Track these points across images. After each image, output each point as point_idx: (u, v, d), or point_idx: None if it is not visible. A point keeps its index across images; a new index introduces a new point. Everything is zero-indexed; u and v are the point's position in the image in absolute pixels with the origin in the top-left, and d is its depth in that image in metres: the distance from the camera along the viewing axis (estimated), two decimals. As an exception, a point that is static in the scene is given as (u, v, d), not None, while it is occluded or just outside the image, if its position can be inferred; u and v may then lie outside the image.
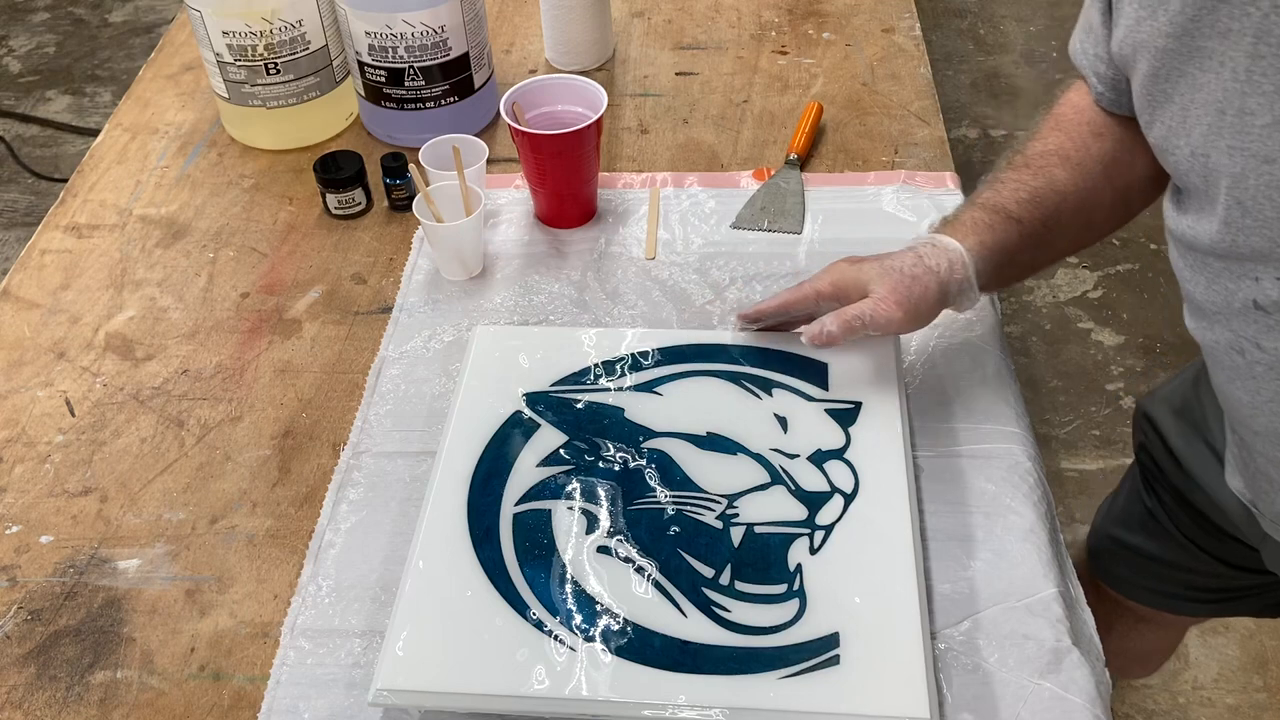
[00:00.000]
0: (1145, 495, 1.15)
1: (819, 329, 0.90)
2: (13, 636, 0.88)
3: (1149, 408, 1.12)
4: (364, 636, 0.86)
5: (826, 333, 0.90)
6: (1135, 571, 1.20)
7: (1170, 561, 1.15)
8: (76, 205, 1.27)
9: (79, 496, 0.98)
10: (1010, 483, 0.93)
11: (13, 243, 2.51)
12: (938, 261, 0.91)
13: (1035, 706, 0.80)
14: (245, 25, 1.21)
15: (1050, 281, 2.31)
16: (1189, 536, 1.10)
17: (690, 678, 0.78)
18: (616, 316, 1.09)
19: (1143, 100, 0.79)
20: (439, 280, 1.13)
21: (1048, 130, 0.97)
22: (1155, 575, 1.18)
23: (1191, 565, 1.13)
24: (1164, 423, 1.09)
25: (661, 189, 1.22)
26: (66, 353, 1.10)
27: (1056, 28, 2.93)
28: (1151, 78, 0.76)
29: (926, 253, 0.91)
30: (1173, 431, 1.08)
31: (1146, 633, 1.30)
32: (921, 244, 0.93)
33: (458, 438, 0.94)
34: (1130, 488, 1.19)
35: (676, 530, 0.87)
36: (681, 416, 0.95)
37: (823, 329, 0.90)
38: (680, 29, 1.47)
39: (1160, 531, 1.14)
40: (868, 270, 0.91)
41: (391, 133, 1.30)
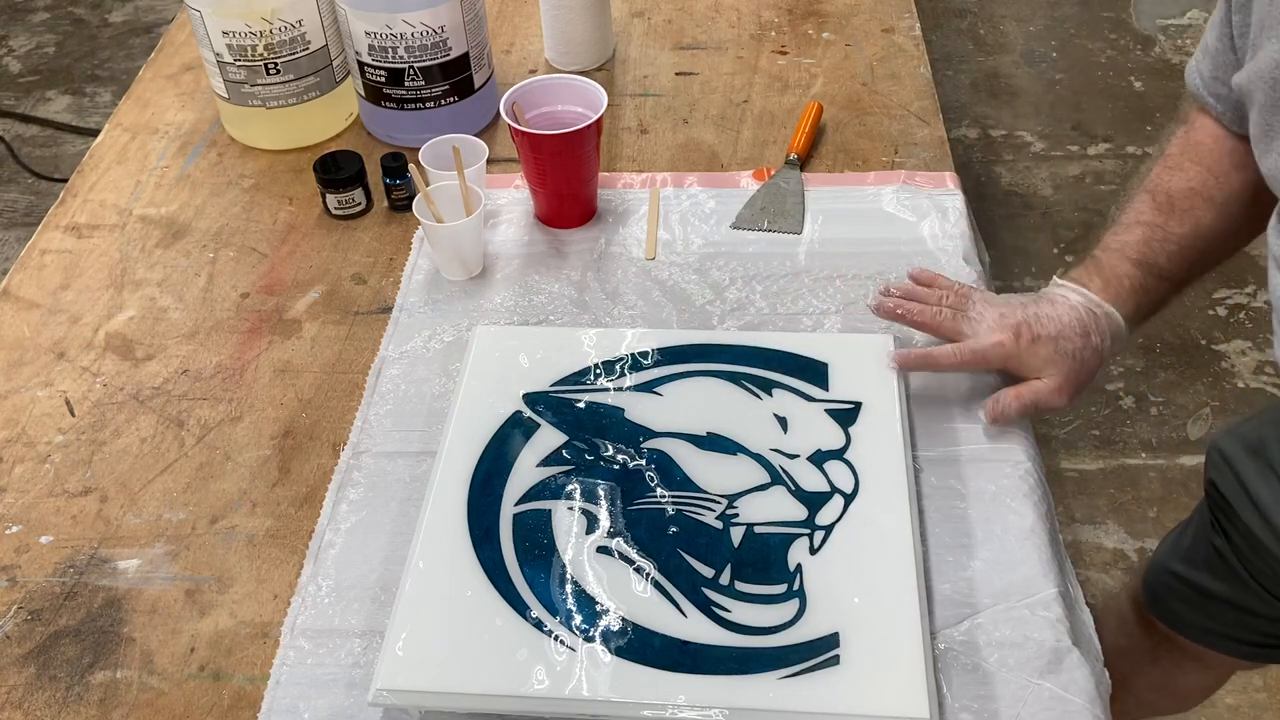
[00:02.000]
0: (1214, 534, 1.12)
1: (1000, 410, 0.94)
2: (13, 636, 0.88)
3: (1223, 444, 1.10)
4: (364, 636, 0.86)
5: (1005, 414, 0.94)
6: (1195, 610, 1.17)
7: (1234, 603, 1.12)
8: (76, 205, 1.27)
9: (79, 496, 0.98)
10: (1010, 483, 0.93)
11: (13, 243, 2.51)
12: (1102, 340, 0.94)
13: (1035, 706, 0.80)
14: (245, 25, 1.21)
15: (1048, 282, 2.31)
16: (1258, 579, 1.08)
17: (690, 678, 0.78)
18: (616, 316, 1.09)
19: (1259, 130, 0.80)
20: (439, 280, 1.13)
21: (1187, 163, 0.98)
22: (1216, 616, 1.15)
23: (1256, 608, 1.10)
24: (1239, 461, 1.07)
25: (661, 189, 1.22)
26: (66, 353, 1.10)
27: (1056, 28, 2.93)
28: (1270, 109, 0.78)
29: (1093, 327, 0.94)
30: (1249, 470, 1.05)
31: (1192, 671, 1.27)
32: (1087, 309, 0.95)
33: (458, 438, 0.94)
34: (1199, 525, 1.15)
35: (676, 530, 0.87)
36: (681, 416, 0.95)
37: (1003, 410, 0.94)
38: (680, 29, 1.47)
39: (1228, 573, 1.11)
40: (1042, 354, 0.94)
41: (391, 133, 1.30)
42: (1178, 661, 1.26)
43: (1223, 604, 1.14)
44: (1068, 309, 0.95)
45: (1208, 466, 1.13)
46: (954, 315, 0.97)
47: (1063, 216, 2.43)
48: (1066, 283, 0.98)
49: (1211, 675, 1.32)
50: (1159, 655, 1.25)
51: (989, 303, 0.97)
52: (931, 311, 0.97)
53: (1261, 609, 1.10)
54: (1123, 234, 0.98)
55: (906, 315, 0.97)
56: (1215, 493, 1.11)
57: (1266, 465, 1.04)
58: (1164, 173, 0.99)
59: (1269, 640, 1.14)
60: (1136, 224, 0.97)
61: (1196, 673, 1.29)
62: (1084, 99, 2.72)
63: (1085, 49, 2.86)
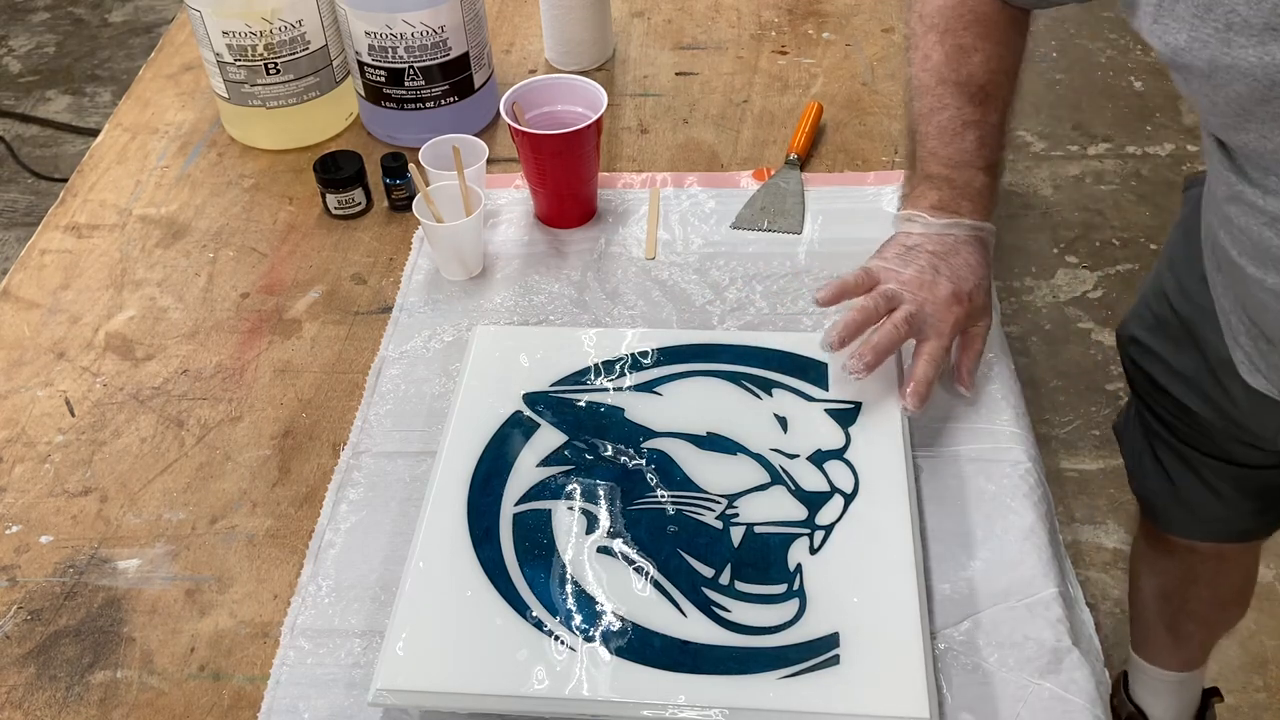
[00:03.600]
0: (1152, 439, 1.18)
1: (970, 377, 0.97)
2: (13, 636, 0.88)
3: (1133, 331, 1.16)
4: (364, 636, 0.86)
5: (972, 376, 0.97)
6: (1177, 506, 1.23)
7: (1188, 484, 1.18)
8: (76, 205, 1.27)
9: (79, 496, 0.98)
10: (1010, 483, 0.93)
11: (13, 243, 2.51)
12: (991, 255, 0.97)
13: (1035, 706, 0.80)
14: (245, 25, 1.21)
15: (1050, 281, 2.31)
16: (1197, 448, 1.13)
17: (690, 678, 0.78)
18: (616, 316, 1.09)
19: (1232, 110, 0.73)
20: (439, 280, 1.13)
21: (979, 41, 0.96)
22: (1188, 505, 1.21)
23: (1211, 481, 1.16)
24: (1151, 341, 1.12)
25: (661, 189, 1.22)
26: (66, 353, 1.10)
27: (1056, 27, 2.93)
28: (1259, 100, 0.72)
29: (986, 251, 0.97)
30: (1163, 349, 1.11)
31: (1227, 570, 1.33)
32: (976, 238, 0.96)
33: (458, 438, 0.94)
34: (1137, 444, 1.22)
35: (676, 530, 0.87)
36: (681, 416, 0.95)
37: (971, 375, 0.97)
38: (680, 29, 1.47)
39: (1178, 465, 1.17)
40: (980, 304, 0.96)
41: (391, 133, 1.30)
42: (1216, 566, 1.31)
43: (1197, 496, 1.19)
44: (967, 248, 0.95)
45: (1124, 360, 1.20)
46: (906, 320, 0.92)
47: (1063, 216, 2.43)
48: (943, 216, 0.95)
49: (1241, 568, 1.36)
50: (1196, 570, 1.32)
51: (909, 284, 0.94)
52: (887, 330, 0.92)
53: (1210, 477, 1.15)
54: (958, 140, 0.96)
55: (872, 351, 0.91)
56: (1140, 378, 1.17)
57: (1173, 340, 1.09)
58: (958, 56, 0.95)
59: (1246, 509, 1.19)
60: (965, 126, 0.95)
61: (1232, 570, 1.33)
62: (1084, 99, 2.72)
63: (1085, 49, 2.86)
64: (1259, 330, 0.91)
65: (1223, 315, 0.97)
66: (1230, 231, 0.84)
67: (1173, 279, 1.08)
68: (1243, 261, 0.84)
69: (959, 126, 0.95)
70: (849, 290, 0.94)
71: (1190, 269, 1.03)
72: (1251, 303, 0.88)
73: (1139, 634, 1.44)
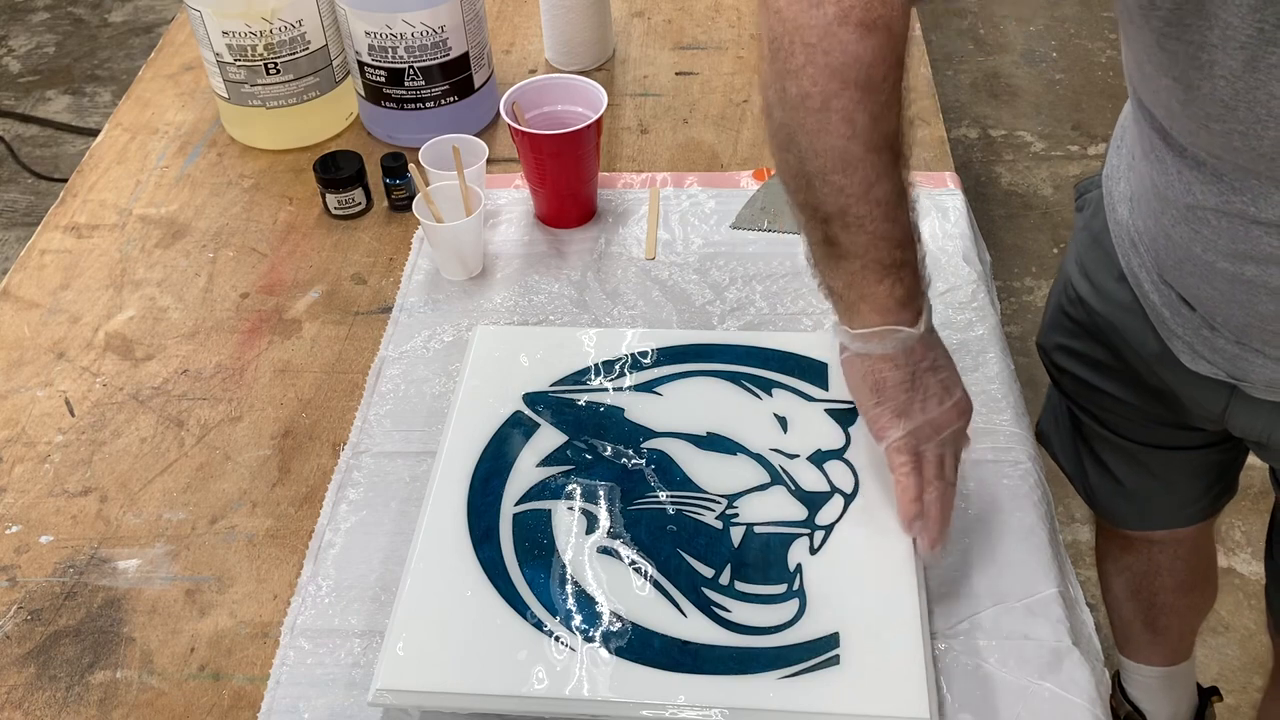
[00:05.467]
0: (1092, 441, 1.19)
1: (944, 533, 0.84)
2: (13, 636, 0.88)
3: (1055, 339, 1.15)
4: (364, 636, 0.86)
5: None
6: (1130, 503, 1.24)
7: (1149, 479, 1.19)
8: (76, 205, 1.27)
9: (79, 496, 0.98)
10: (1010, 483, 0.93)
11: (13, 243, 2.51)
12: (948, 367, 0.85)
13: (1035, 706, 0.80)
14: (245, 25, 1.21)
15: (1050, 281, 2.31)
16: (1148, 443, 1.15)
17: (690, 678, 0.78)
18: (616, 316, 1.09)
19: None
20: (439, 280, 1.13)
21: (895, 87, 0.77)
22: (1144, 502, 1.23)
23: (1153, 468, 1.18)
24: (1076, 345, 1.12)
25: (661, 189, 1.22)
26: (66, 353, 1.10)
27: (1056, 27, 2.93)
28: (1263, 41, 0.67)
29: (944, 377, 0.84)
30: (1090, 350, 1.11)
31: (1186, 554, 1.34)
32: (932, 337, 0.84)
33: (458, 438, 0.94)
34: (1071, 449, 1.23)
35: (676, 530, 0.87)
36: (681, 416, 0.95)
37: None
38: (680, 29, 1.47)
39: (1123, 462, 1.18)
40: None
41: (391, 133, 1.30)
42: (1174, 551, 1.33)
43: (1134, 483, 1.20)
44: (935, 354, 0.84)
45: (1050, 369, 1.19)
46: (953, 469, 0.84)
47: (1063, 216, 2.43)
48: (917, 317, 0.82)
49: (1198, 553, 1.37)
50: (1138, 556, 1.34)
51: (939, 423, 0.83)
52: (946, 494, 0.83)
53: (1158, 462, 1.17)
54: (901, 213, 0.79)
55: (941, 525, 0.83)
56: (1069, 381, 1.16)
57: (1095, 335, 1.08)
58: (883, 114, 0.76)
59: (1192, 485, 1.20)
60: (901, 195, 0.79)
61: (1186, 554, 1.34)
62: (1084, 99, 2.72)
63: (1085, 49, 2.86)
64: (1201, 319, 0.91)
65: (1152, 310, 0.97)
66: (1202, 233, 0.83)
67: (1086, 283, 1.07)
68: (1210, 257, 0.84)
69: (898, 197, 0.79)
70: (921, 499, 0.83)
71: (1103, 269, 1.03)
72: (1210, 294, 0.87)
73: (1120, 635, 1.45)
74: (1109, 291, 1.04)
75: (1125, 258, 0.99)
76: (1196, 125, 0.76)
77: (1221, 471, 1.20)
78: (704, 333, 1.04)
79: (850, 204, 0.78)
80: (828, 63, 0.74)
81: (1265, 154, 0.73)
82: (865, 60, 0.74)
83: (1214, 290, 0.87)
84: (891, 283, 0.80)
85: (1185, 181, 0.82)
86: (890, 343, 0.81)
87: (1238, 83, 0.69)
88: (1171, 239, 0.88)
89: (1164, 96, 0.77)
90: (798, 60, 0.75)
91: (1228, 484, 1.23)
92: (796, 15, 0.74)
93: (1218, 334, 0.90)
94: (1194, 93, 0.73)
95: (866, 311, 0.81)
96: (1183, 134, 0.79)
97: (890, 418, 0.83)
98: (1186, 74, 0.72)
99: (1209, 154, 0.78)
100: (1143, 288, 0.97)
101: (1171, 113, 0.78)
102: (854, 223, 0.78)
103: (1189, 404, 1.03)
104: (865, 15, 0.73)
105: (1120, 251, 1.00)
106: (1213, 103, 0.72)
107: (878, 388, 0.83)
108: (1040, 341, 1.19)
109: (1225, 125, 0.73)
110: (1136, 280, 0.98)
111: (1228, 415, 0.99)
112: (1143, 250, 0.95)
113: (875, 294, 0.80)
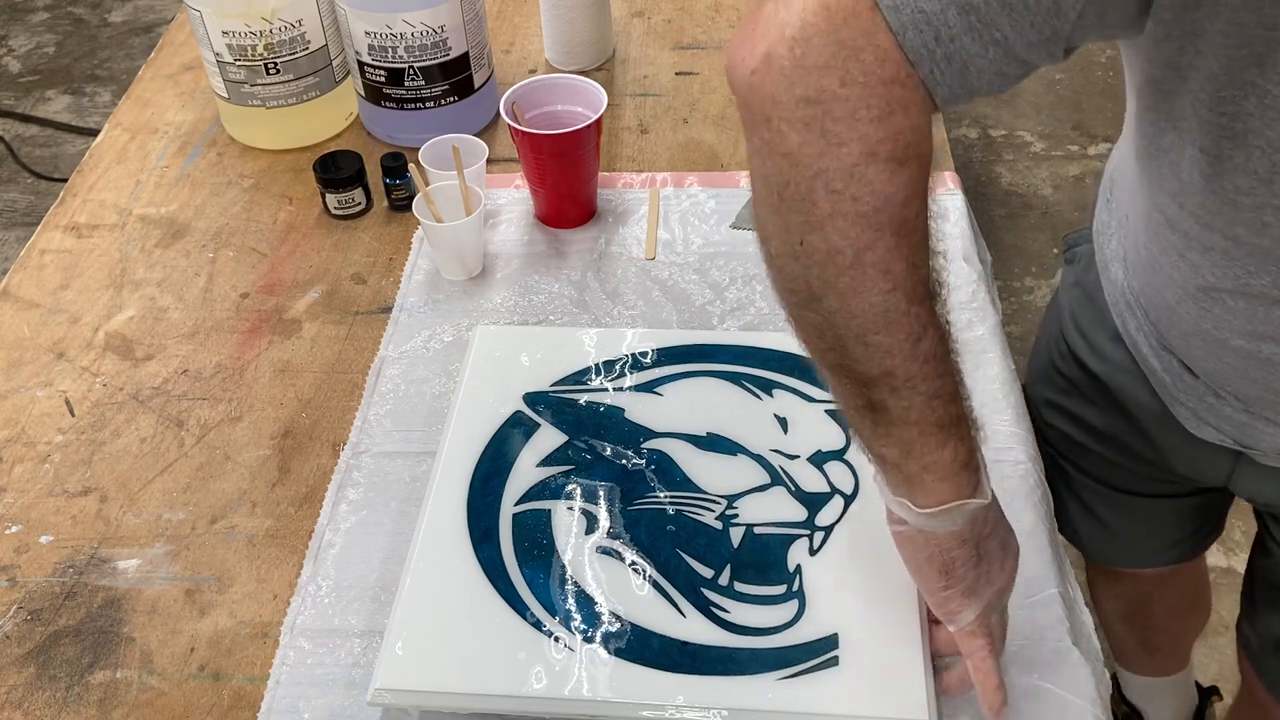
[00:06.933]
0: (1079, 490, 1.15)
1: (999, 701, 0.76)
2: (13, 636, 0.88)
3: (1045, 394, 1.11)
4: (364, 636, 0.86)
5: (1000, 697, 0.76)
6: (1117, 547, 1.22)
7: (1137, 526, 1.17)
8: (76, 205, 1.26)
9: (79, 496, 0.97)
10: (1010, 483, 0.93)
11: (13, 243, 2.51)
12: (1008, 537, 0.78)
13: (1035, 706, 0.79)
14: (245, 25, 1.21)
15: (1050, 282, 2.31)
16: (1139, 493, 1.11)
17: (689, 678, 0.78)
18: (616, 316, 1.09)
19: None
20: (439, 280, 1.13)
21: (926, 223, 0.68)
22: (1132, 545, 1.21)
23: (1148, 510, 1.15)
24: (1067, 403, 1.08)
25: (661, 189, 1.22)
26: (66, 353, 1.10)
27: (1057, 28, 2.93)
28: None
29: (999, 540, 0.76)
30: (1082, 410, 1.07)
31: (1178, 583, 1.32)
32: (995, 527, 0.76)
33: (458, 438, 0.94)
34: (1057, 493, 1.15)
35: (676, 530, 0.87)
36: (681, 417, 0.95)
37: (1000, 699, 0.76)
38: (680, 29, 1.47)
39: (1111, 511, 1.15)
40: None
41: (391, 133, 1.30)
42: (1137, 586, 1.32)
43: (1121, 530, 1.18)
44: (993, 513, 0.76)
45: (1040, 424, 1.10)
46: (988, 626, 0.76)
47: (1063, 216, 2.43)
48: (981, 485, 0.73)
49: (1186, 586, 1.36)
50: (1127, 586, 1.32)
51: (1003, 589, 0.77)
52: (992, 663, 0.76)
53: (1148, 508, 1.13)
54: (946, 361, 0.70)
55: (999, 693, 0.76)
56: (1057, 437, 1.11)
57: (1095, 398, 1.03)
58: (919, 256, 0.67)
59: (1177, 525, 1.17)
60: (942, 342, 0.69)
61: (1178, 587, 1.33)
62: (1084, 99, 2.72)
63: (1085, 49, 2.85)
64: (1206, 387, 0.87)
65: (1152, 374, 0.92)
66: (1214, 311, 0.78)
67: (1080, 339, 1.02)
68: (1223, 335, 0.79)
69: (943, 349, 0.70)
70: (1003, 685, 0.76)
71: (1098, 327, 0.98)
72: (1220, 367, 0.83)
73: (1116, 650, 1.45)
74: (1105, 352, 0.98)
75: (1121, 319, 0.94)
76: (1222, 202, 0.68)
77: (1210, 514, 1.17)
78: (704, 333, 1.04)
79: (898, 365, 0.68)
80: (857, 210, 0.63)
81: None
82: (898, 200, 0.64)
83: (1224, 364, 0.82)
84: (955, 445, 0.70)
85: (1193, 264, 0.77)
86: (959, 517, 0.72)
87: (1276, 155, 0.63)
88: (1177, 313, 0.84)
89: (1185, 169, 0.70)
90: (821, 210, 0.64)
91: (1215, 524, 1.19)
92: (814, 158, 0.63)
93: (1224, 401, 0.86)
94: (1224, 164, 0.66)
95: (931, 482, 0.71)
96: (1201, 211, 0.71)
97: (960, 599, 0.74)
98: (1218, 144, 0.65)
99: (1227, 235, 0.71)
100: (1141, 351, 0.92)
101: (1190, 187, 0.70)
102: (903, 385, 0.68)
103: (1190, 467, 0.98)
104: (895, 148, 0.63)
105: (1115, 312, 0.95)
106: (1245, 175, 0.65)
107: (947, 569, 0.74)
108: (1029, 391, 1.12)
109: (1257, 199, 0.66)
110: (1134, 343, 0.93)
111: (1233, 480, 0.95)
112: (1140, 315, 0.91)
113: (939, 461, 0.70)
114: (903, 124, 0.62)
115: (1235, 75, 0.61)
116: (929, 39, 0.61)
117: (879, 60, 0.61)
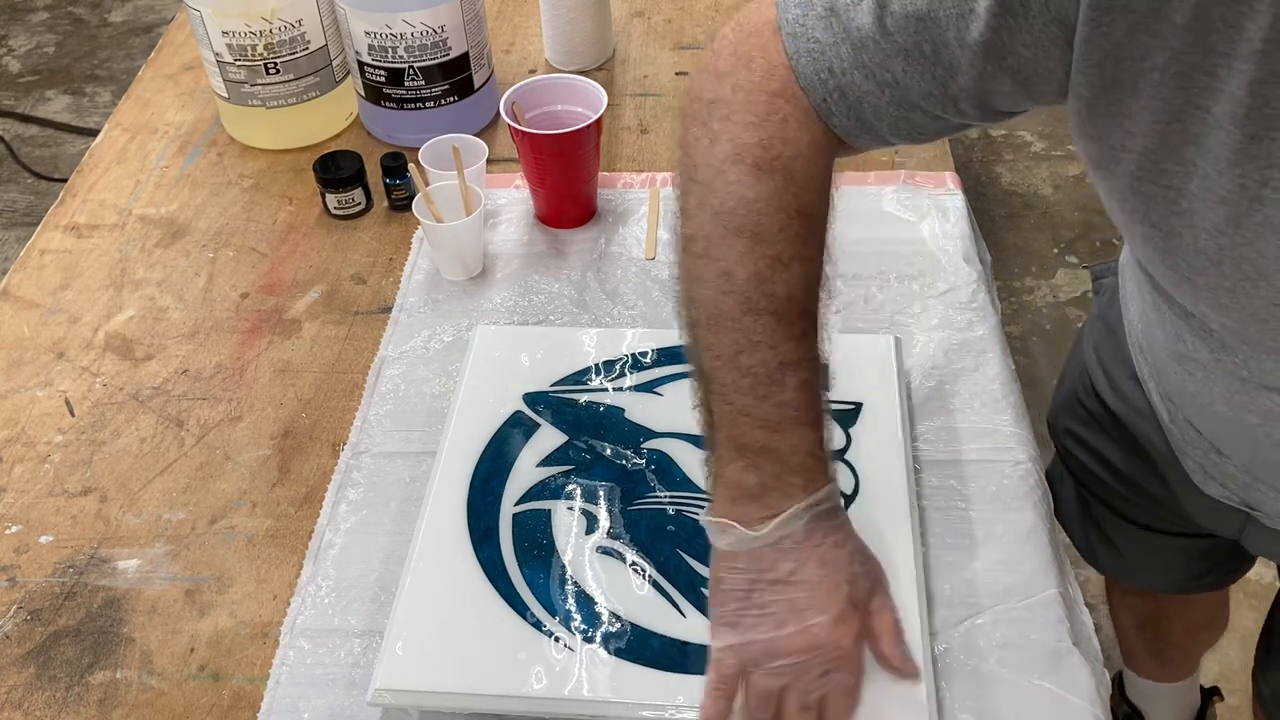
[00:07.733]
0: (1098, 518, 1.13)
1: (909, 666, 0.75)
2: (13, 636, 0.88)
3: (1066, 424, 1.09)
4: (363, 636, 0.86)
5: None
6: (1134, 574, 1.21)
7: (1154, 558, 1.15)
8: (76, 205, 1.26)
9: (79, 496, 0.97)
10: (1010, 483, 0.93)
11: (13, 243, 2.51)
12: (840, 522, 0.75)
13: (1035, 707, 0.79)
14: (245, 25, 1.21)
15: (1050, 281, 2.31)
16: (1154, 528, 1.09)
17: (689, 678, 0.78)
18: (616, 316, 1.09)
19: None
20: (439, 280, 1.13)
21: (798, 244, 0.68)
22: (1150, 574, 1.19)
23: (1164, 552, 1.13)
24: (1087, 436, 1.07)
25: (661, 189, 1.22)
26: (66, 353, 1.10)
27: (1057, 28, 2.93)
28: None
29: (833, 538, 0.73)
30: (1101, 445, 1.05)
31: (1197, 604, 1.32)
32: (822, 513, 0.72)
33: (458, 438, 0.94)
34: (1076, 517, 1.15)
35: (676, 530, 0.87)
36: (681, 417, 0.95)
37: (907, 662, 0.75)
38: (680, 29, 1.47)
39: (1128, 542, 1.13)
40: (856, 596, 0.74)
41: (391, 133, 1.30)
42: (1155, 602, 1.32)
43: (1139, 560, 1.16)
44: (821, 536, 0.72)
45: (1062, 452, 1.12)
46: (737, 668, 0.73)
47: (1063, 216, 2.43)
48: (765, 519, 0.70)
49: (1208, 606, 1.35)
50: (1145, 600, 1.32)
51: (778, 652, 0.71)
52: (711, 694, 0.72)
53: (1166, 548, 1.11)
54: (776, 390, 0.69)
55: None
56: (1077, 466, 1.10)
57: (1108, 435, 1.02)
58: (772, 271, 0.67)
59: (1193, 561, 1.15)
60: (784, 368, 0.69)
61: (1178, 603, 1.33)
62: (1084, 99, 2.72)
63: (1085, 49, 2.86)
64: (1209, 444, 0.85)
65: (1163, 423, 0.91)
66: (1196, 375, 0.76)
67: (1102, 374, 1.01)
68: (1206, 400, 0.77)
69: (775, 371, 0.68)
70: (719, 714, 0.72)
71: (1119, 364, 0.97)
72: (1214, 427, 0.82)
73: (1125, 653, 1.45)
74: (1125, 391, 0.97)
75: (1136, 362, 0.93)
76: (1179, 278, 0.65)
77: (1234, 553, 1.07)
78: (704, 333, 1.04)
79: (716, 367, 0.69)
80: (714, 205, 0.67)
81: (1256, 315, 0.62)
82: (756, 206, 0.65)
83: (1216, 426, 0.82)
84: (742, 468, 0.69)
85: (1175, 329, 0.75)
86: (728, 539, 0.71)
87: (1221, 237, 0.59)
88: (1165, 372, 0.83)
89: (1141, 244, 0.66)
90: (690, 199, 0.69)
91: (1239, 562, 1.14)
92: (694, 152, 0.69)
93: (1227, 460, 0.84)
94: (1175, 241, 0.62)
95: (720, 493, 0.72)
96: (1167, 283, 0.68)
97: (717, 624, 0.73)
98: (1167, 219, 0.61)
99: (1192, 310, 0.69)
100: (1152, 399, 0.92)
101: (1151, 260, 0.67)
102: (717, 390, 0.70)
103: (1204, 518, 0.96)
104: (762, 155, 0.65)
105: (1133, 352, 0.94)
106: (1195, 254, 0.62)
107: (714, 585, 0.73)
108: (1051, 420, 1.12)
109: (1210, 279, 0.63)
110: (1147, 389, 0.92)
111: (1244, 537, 0.94)
112: (1146, 366, 0.90)
113: (724, 475, 0.71)
114: (775, 135, 0.65)
115: (1174, 151, 0.58)
116: (821, 69, 0.65)
117: (767, 73, 0.66)
